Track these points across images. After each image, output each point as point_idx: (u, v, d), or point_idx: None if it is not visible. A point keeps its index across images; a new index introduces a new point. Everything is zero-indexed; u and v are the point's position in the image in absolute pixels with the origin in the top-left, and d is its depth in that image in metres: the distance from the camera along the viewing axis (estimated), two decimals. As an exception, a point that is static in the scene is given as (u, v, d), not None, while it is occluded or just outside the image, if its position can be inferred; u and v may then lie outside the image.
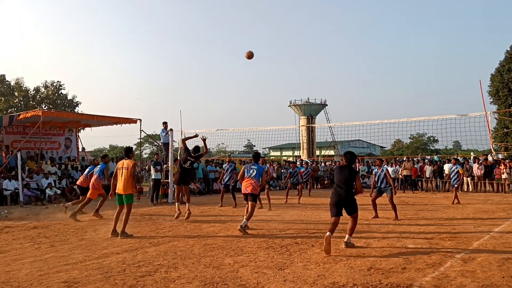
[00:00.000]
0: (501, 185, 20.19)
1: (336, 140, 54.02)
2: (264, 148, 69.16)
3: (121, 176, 8.56)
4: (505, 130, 34.59)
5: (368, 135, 19.89)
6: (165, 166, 16.46)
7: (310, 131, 56.77)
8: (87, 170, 12.44)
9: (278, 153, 69.70)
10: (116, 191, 8.69)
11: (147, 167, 24.08)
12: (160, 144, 18.72)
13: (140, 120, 20.74)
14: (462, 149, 61.58)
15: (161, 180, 16.24)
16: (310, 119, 59.37)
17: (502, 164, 20.40)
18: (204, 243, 7.73)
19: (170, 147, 16.42)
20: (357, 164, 26.12)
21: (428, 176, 22.32)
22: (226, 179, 14.74)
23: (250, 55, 13.16)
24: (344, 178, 7.28)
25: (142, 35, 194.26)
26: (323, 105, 60.28)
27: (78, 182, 12.61)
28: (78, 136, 24.81)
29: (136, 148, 60.05)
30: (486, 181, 20.81)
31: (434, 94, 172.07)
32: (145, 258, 6.55)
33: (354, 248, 7.13)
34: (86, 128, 25.77)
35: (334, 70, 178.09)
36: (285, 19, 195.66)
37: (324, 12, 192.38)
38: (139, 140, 24.64)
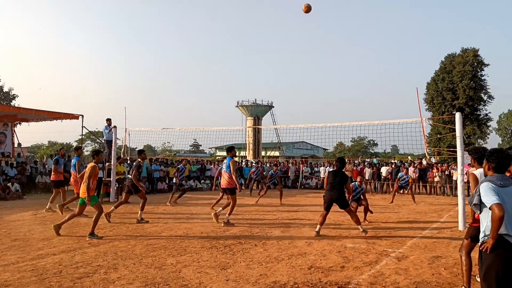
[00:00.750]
0: (434, 187, 21.40)
1: (281, 141, 54.90)
2: (211, 148, 68.83)
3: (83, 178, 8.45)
4: (438, 136, 36.61)
5: (312, 137, 20.37)
6: (107, 164, 15.99)
7: (257, 132, 57.20)
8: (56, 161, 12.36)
9: (224, 153, 69.52)
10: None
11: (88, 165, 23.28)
12: (103, 141, 18.17)
13: (82, 116, 20.02)
14: (400, 153, 64.40)
15: (103, 179, 15.76)
16: (257, 120, 59.81)
17: (435, 167, 21.63)
18: (147, 243, 7.60)
19: (113, 144, 15.97)
20: (301, 166, 26.66)
21: (367, 178, 23.18)
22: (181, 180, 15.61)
23: (307, 9, 11.22)
24: (337, 181, 8.63)
25: (85, 25, 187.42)
26: (269, 107, 60.94)
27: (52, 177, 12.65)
28: (14, 131, 23.50)
29: (76, 145, 57.68)
30: (420, 184, 21.97)
31: (374, 100, 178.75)
32: (84, 259, 6.35)
33: (295, 248, 7.30)
34: (23, 123, 24.50)
35: (281, 73, 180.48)
36: (235, 20, 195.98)
37: (273, 14, 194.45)
38: (80, 137, 23.77)
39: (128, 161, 20.40)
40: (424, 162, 23.01)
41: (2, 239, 7.95)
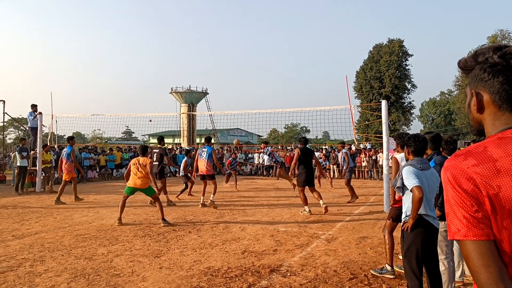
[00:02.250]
0: (361, 172, 22.44)
1: (216, 128, 54.75)
2: (144, 135, 67.20)
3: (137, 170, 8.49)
4: (367, 122, 38.31)
5: (246, 124, 20.68)
6: (32, 152, 15.13)
7: (191, 119, 56.50)
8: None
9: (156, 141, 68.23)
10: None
11: (11, 153, 21.86)
12: (27, 128, 17.13)
13: (4, 101, 18.73)
14: (330, 139, 66.68)
15: (28, 168, 14.92)
16: (191, 107, 59.06)
17: (363, 153, 22.66)
18: (76, 233, 7.34)
19: (39, 131, 15.13)
20: (236, 152, 26.79)
21: (300, 164, 23.82)
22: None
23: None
24: (309, 159, 9.74)
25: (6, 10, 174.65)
26: (204, 94, 60.37)
27: None
28: None
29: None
30: (350, 169, 22.93)
31: (306, 87, 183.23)
32: (7, 252, 6.01)
33: (229, 233, 7.38)
34: None
35: (215, 60, 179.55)
36: (169, 6, 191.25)
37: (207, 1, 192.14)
38: (2, 124, 22.18)
39: (56, 149, 19.42)
40: (353, 147, 24.03)
41: None
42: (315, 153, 22.92)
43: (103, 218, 9.06)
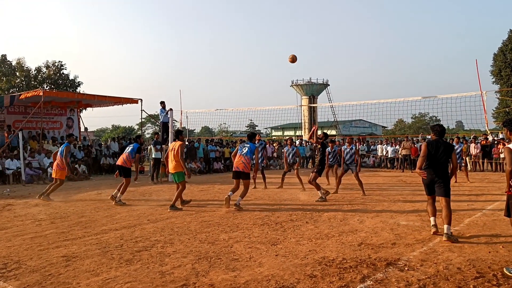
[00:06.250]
0: (499, 164, 20.24)
1: (337, 119, 54.02)
2: (266, 128, 69.21)
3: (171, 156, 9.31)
4: (507, 109, 34.49)
5: (369, 115, 19.84)
6: (164, 145, 16.59)
7: (312, 111, 56.54)
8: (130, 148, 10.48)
9: (280, 133, 69.67)
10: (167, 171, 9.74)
11: (148, 147, 24.27)
12: (159, 124, 18.85)
13: (141, 100, 20.80)
14: (465, 129, 61.44)
15: (161, 159, 16.39)
16: (312, 99, 59.12)
17: (500, 143, 20.43)
18: (201, 220, 7.89)
19: (170, 126, 16.51)
20: (358, 144, 26.11)
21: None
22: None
23: (293, 59, 13.74)
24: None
25: (145, 12, 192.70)
26: (325, 85, 59.94)
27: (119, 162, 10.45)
28: (80, 116, 24.90)
29: (138, 128, 59.72)
30: (485, 161, 20.88)
31: (436, 74, 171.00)
32: (143, 234, 6.72)
33: (346, 225, 7.28)
34: (88, 108, 25.83)
35: (336, 50, 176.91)
36: (286, 2, 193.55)
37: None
38: (141, 120, 24.69)
39: (186, 142, 21.02)
40: (490, 138, 21.82)
41: (70, 216, 8.56)
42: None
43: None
